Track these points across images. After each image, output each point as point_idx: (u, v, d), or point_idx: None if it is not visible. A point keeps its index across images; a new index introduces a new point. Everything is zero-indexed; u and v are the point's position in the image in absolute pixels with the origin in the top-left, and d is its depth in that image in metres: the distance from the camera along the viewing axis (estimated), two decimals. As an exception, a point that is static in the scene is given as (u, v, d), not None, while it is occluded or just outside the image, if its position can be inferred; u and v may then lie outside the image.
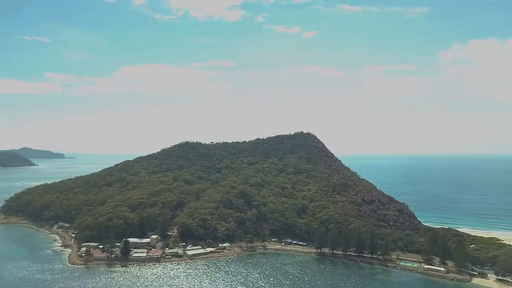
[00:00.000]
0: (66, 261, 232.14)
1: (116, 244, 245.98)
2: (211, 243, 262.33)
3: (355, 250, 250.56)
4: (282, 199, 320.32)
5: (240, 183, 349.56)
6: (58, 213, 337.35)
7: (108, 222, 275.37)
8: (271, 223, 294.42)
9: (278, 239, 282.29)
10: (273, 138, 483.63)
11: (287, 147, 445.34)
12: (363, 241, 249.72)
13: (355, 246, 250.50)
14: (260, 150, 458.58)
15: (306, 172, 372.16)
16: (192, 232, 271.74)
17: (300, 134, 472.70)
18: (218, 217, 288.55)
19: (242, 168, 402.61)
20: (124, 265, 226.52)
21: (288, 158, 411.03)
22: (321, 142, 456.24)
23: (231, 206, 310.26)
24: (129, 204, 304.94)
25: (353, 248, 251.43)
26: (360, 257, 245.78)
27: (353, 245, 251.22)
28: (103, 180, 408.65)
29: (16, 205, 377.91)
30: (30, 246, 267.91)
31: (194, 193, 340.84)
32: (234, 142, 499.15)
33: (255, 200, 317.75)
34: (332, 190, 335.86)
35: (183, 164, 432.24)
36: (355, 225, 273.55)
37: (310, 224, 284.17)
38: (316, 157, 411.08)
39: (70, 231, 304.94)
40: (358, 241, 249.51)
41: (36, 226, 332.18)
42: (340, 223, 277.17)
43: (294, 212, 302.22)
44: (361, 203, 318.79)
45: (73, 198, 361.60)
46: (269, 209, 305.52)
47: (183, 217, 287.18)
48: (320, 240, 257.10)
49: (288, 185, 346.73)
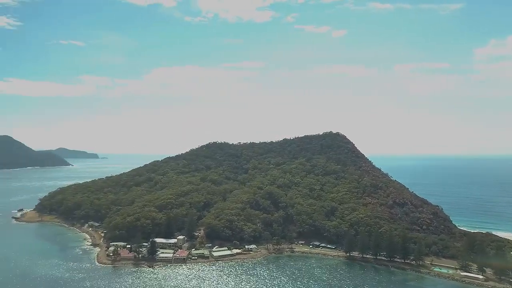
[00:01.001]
0: (95, 260, 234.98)
1: (143, 244, 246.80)
2: (238, 245, 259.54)
3: (386, 254, 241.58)
4: (310, 201, 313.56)
5: (267, 184, 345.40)
6: (88, 212, 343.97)
7: (135, 222, 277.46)
8: (298, 225, 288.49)
9: (305, 241, 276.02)
10: (301, 138, 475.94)
11: (316, 147, 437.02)
12: (394, 245, 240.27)
13: (386, 250, 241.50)
14: (287, 150, 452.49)
15: (335, 173, 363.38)
16: (218, 233, 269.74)
17: (329, 134, 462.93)
18: (244, 218, 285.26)
19: (269, 169, 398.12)
20: (151, 265, 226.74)
21: (316, 158, 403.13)
22: (351, 142, 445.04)
23: (257, 207, 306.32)
24: (156, 204, 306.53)
25: (384, 253, 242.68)
26: (392, 262, 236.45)
27: (384, 249, 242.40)
28: (132, 180, 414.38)
29: (50, 204, 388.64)
30: (61, 245, 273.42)
31: (221, 194, 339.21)
32: (261, 143, 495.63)
33: (282, 201, 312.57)
34: (362, 191, 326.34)
35: (210, 165, 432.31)
36: (386, 228, 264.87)
37: (339, 227, 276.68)
38: (345, 157, 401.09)
39: (99, 230, 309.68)
40: (389, 245, 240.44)
41: (67, 224, 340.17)
42: (371, 226, 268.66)
43: (323, 214, 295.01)
44: (392, 205, 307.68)
45: (103, 198, 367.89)
46: (297, 210, 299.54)
47: (209, 218, 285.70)
48: (349, 244, 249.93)
49: (316, 187, 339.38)
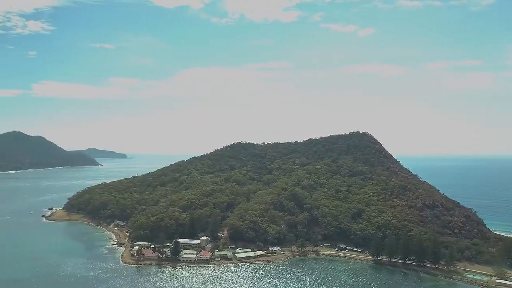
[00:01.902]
0: (119, 260, 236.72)
1: (167, 244, 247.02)
2: (261, 246, 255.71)
3: (416, 259, 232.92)
4: (336, 202, 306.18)
5: (291, 184, 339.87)
6: (114, 211, 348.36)
7: (159, 222, 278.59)
8: (323, 227, 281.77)
9: (331, 244, 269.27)
10: (327, 138, 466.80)
11: (342, 147, 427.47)
12: (424, 249, 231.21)
13: (416, 255, 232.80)
14: (312, 150, 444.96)
15: (362, 174, 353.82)
16: (242, 234, 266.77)
17: (355, 134, 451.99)
18: (268, 219, 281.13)
19: (294, 169, 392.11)
20: (174, 266, 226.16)
21: (342, 159, 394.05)
22: (378, 143, 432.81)
23: (282, 208, 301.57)
24: (180, 204, 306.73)
25: (413, 257, 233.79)
26: (421, 267, 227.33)
27: (413, 253, 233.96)
28: (158, 180, 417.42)
29: (78, 203, 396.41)
30: (87, 243, 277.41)
31: (245, 194, 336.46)
32: (285, 143, 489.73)
33: (307, 202, 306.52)
34: (390, 193, 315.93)
35: (234, 165, 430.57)
36: (415, 231, 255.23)
37: (365, 230, 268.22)
38: (373, 158, 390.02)
39: (125, 229, 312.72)
40: (418, 249, 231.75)
41: (94, 223, 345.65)
42: (399, 229, 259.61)
43: (349, 216, 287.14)
44: (422, 208, 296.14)
45: (129, 197, 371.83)
46: (322, 212, 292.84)
47: (233, 219, 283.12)
48: (376, 247, 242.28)
49: (342, 188, 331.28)
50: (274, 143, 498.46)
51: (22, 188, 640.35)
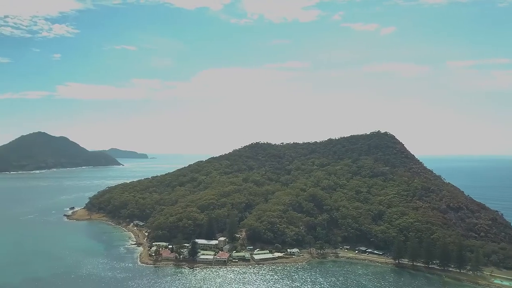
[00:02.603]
0: (137, 260, 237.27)
1: (184, 245, 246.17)
2: (279, 248, 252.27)
3: (439, 263, 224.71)
4: (356, 204, 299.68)
5: (310, 185, 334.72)
6: (133, 211, 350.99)
7: (177, 222, 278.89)
8: (343, 229, 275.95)
9: (351, 246, 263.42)
10: (347, 138, 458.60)
11: (362, 148, 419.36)
12: (448, 253, 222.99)
13: (439, 259, 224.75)
14: (332, 151, 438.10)
15: (383, 175, 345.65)
16: (260, 235, 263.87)
17: (376, 134, 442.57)
18: (287, 220, 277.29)
19: (313, 170, 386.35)
20: (191, 266, 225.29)
21: (363, 159, 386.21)
22: (400, 143, 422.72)
23: (300, 209, 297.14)
24: (199, 204, 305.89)
25: (437, 261, 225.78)
26: (445, 271, 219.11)
27: (437, 257, 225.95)
28: (177, 180, 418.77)
29: (98, 202, 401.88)
30: (106, 243, 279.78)
31: (263, 195, 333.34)
32: (304, 143, 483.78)
33: (326, 204, 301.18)
34: (412, 195, 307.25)
35: (253, 165, 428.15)
36: (439, 234, 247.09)
37: (387, 232, 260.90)
38: (394, 158, 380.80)
39: (144, 229, 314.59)
40: (442, 253, 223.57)
41: (114, 223, 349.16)
42: (422, 232, 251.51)
43: (369, 218, 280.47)
44: (446, 210, 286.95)
45: (148, 197, 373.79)
46: (342, 214, 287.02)
47: (251, 220, 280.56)
48: (398, 250, 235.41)
49: (362, 189, 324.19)
50: (293, 143, 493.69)
51: (46, 188, 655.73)
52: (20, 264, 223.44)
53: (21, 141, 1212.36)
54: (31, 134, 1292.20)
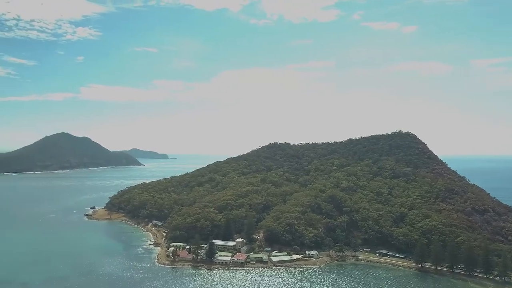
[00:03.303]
0: (155, 260, 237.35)
1: (202, 246, 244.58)
2: (298, 250, 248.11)
3: (464, 267, 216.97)
4: (377, 206, 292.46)
5: (329, 186, 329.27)
6: (152, 211, 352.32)
7: (195, 223, 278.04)
8: (363, 232, 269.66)
9: (371, 249, 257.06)
10: (367, 138, 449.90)
11: (383, 148, 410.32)
12: (474, 257, 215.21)
13: (464, 263, 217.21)
14: (352, 151, 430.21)
15: (404, 176, 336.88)
16: (278, 237, 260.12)
17: (398, 134, 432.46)
18: (305, 222, 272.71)
19: (332, 171, 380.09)
20: (209, 268, 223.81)
21: (384, 160, 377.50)
22: (422, 143, 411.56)
23: (319, 211, 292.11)
24: (216, 205, 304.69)
25: (462, 265, 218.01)
26: (471, 276, 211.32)
27: (462, 261, 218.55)
28: (195, 180, 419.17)
29: (118, 202, 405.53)
30: (125, 243, 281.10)
31: (281, 196, 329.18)
32: (324, 143, 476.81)
33: (346, 205, 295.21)
34: (435, 196, 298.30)
35: (271, 166, 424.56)
36: (463, 238, 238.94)
37: (409, 235, 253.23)
38: (416, 159, 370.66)
39: (162, 229, 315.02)
40: (468, 257, 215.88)
41: (133, 223, 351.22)
42: (445, 235, 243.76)
43: (391, 220, 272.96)
44: (471, 212, 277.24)
45: (166, 197, 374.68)
46: (362, 216, 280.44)
47: (269, 221, 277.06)
48: (421, 254, 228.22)
49: (383, 190, 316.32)
50: (312, 143, 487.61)
51: (68, 187, 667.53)
52: (42, 263, 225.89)
53: (45, 142, 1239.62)
54: (55, 135, 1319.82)
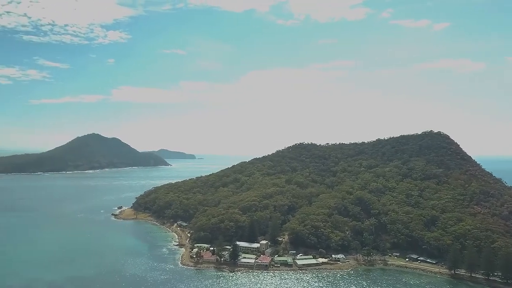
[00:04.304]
0: (178, 261, 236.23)
1: (226, 247, 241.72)
2: (324, 253, 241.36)
3: (502, 275, 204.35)
4: (407, 208, 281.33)
5: (357, 188, 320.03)
6: (177, 211, 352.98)
7: (219, 224, 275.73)
8: (392, 235, 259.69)
9: (401, 254, 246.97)
10: (396, 138, 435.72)
11: (413, 148, 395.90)
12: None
13: (502, 270, 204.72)
14: (381, 152, 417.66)
15: (436, 178, 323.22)
16: (303, 239, 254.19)
17: (429, 133, 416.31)
18: (331, 225, 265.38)
19: (360, 172, 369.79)
20: (232, 270, 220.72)
21: (414, 161, 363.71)
22: (455, 143, 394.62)
23: (346, 213, 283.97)
24: (240, 206, 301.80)
25: (499, 273, 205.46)
26: (509, 285, 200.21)
27: (499, 268, 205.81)
28: (220, 181, 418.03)
29: (144, 202, 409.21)
30: (150, 243, 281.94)
31: (307, 197, 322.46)
32: (351, 144, 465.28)
33: (374, 208, 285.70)
34: (469, 199, 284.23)
35: (296, 166, 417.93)
36: (500, 243, 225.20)
37: (441, 239, 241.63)
38: (448, 160, 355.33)
39: (187, 230, 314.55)
40: (505, 264, 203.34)
41: (159, 223, 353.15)
42: (480, 240, 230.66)
43: (421, 224, 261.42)
44: (508, 216, 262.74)
45: (192, 198, 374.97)
46: (391, 219, 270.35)
47: (294, 223, 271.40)
48: (454, 259, 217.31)
49: (414, 192, 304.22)
50: (338, 143, 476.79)
51: (97, 187, 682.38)
52: (67, 262, 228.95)
53: (77, 142, 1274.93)
54: (86, 136, 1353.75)
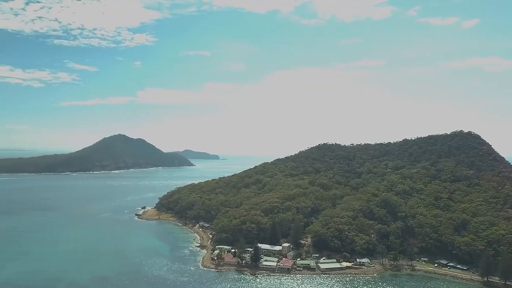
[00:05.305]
0: (199, 263, 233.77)
1: (247, 249, 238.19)
2: (348, 257, 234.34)
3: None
4: (435, 211, 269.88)
5: (383, 190, 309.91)
6: (200, 212, 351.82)
7: (241, 225, 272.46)
8: (420, 239, 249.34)
9: (429, 259, 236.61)
10: (424, 139, 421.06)
11: (442, 149, 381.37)
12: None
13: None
14: (408, 152, 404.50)
15: (466, 180, 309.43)
16: (326, 242, 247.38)
17: (458, 133, 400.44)
18: (356, 228, 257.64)
19: (386, 173, 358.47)
20: (253, 273, 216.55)
21: (443, 162, 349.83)
22: (487, 143, 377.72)
23: (371, 216, 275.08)
24: (262, 207, 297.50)
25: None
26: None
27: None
28: (242, 182, 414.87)
29: (167, 202, 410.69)
30: (171, 244, 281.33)
31: (330, 199, 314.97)
32: (377, 144, 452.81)
33: (400, 210, 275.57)
34: (503, 202, 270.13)
35: (320, 167, 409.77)
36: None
37: (472, 244, 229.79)
38: (480, 161, 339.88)
39: (208, 231, 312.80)
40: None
41: (181, 223, 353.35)
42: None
43: (451, 228, 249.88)
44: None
45: (214, 199, 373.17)
46: (419, 222, 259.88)
47: (317, 225, 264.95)
48: (487, 266, 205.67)
49: (443, 195, 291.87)
50: (364, 144, 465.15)
51: (122, 187, 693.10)
52: (91, 262, 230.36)
53: (104, 143, 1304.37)
54: (112, 137, 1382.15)
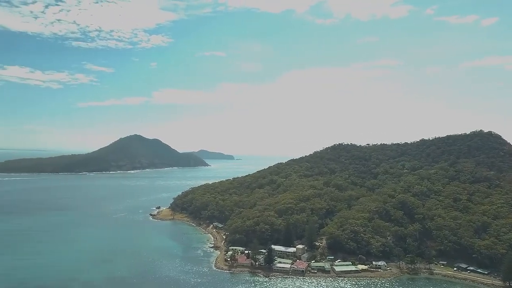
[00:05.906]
0: (212, 264, 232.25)
1: (261, 251, 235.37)
2: (363, 260, 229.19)
3: None
4: (454, 213, 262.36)
5: (400, 191, 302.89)
6: (213, 213, 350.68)
7: (254, 227, 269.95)
8: (439, 242, 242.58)
9: (448, 262, 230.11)
10: (442, 139, 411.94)
11: (461, 149, 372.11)
12: None
13: None
14: (425, 153, 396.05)
15: (487, 181, 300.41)
16: (341, 244, 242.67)
17: (478, 133, 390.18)
18: (372, 230, 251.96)
19: (403, 174, 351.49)
20: (267, 275, 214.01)
21: (462, 162, 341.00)
22: (508, 144, 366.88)
23: (388, 218, 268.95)
24: (276, 208, 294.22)
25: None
26: None
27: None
28: (256, 182, 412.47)
29: (181, 202, 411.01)
30: (185, 244, 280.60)
31: (346, 201, 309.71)
32: (393, 144, 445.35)
33: (418, 212, 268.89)
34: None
35: (335, 168, 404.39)
36: None
37: (493, 248, 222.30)
38: (501, 162, 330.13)
39: (222, 231, 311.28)
40: None
41: (195, 224, 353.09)
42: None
43: (471, 231, 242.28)
44: None
45: (228, 199, 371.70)
46: (437, 224, 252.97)
47: (332, 227, 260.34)
48: (509, 270, 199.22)
49: (462, 196, 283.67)
50: (380, 144, 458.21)
51: (138, 187, 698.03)
52: (105, 262, 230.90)
53: (120, 143, 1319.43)
54: (128, 137, 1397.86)
